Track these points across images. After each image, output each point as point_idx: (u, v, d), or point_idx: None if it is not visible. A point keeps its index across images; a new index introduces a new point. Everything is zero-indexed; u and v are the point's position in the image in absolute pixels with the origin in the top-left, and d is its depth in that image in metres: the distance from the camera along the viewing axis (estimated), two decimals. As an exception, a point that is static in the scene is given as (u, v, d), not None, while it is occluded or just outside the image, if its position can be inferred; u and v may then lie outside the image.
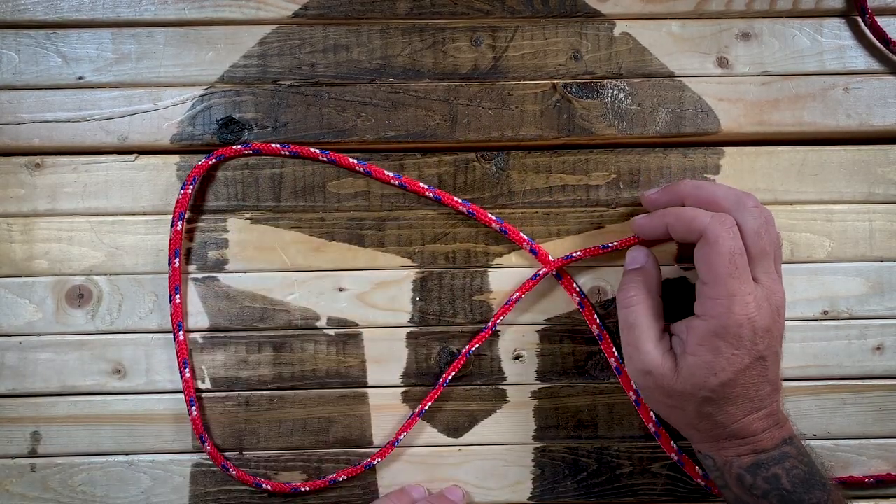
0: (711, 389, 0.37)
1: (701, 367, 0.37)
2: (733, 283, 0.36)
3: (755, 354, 0.36)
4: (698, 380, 0.37)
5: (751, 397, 0.37)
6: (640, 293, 0.40)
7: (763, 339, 0.36)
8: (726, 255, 0.36)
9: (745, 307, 0.36)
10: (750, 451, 0.38)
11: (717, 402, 0.37)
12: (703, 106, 0.45)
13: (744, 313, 0.36)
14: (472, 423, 0.45)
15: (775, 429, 0.38)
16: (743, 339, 0.36)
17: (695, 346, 0.37)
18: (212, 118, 0.44)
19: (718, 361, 0.36)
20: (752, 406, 0.37)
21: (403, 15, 0.45)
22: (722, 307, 0.36)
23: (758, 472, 0.38)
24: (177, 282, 0.43)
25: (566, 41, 0.45)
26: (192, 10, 0.44)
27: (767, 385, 0.37)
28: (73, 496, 0.44)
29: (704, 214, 0.37)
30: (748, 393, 0.37)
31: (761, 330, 0.36)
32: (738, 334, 0.36)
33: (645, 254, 0.41)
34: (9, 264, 0.44)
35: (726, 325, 0.36)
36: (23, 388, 0.44)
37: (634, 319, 0.39)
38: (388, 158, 0.45)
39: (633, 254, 0.42)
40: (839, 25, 0.46)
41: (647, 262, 0.41)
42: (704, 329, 0.37)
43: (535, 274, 0.44)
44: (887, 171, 0.46)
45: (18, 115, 0.44)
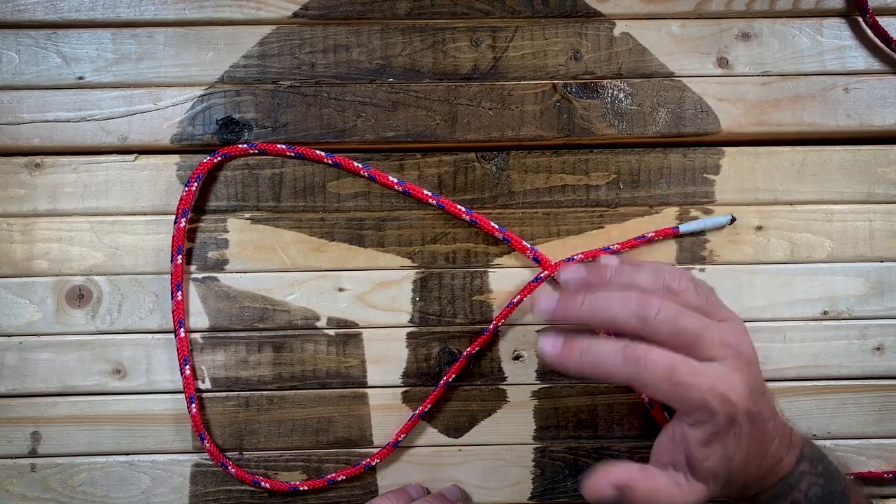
0: (733, 473, 0.36)
1: (719, 464, 0.35)
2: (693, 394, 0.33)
3: (748, 427, 0.35)
4: (722, 475, 0.35)
5: (759, 445, 0.36)
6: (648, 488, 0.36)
7: (755, 400, 0.35)
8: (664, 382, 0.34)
9: (724, 400, 0.34)
10: (774, 480, 0.38)
11: (740, 472, 0.36)
12: (703, 106, 0.45)
13: (726, 407, 0.34)
14: (472, 423, 0.45)
15: (788, 454, 0.37)
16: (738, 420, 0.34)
17: (703, 453, 0.35)
18: (212, 118, 0.44)
19: (728, 449, 0.35)
20: (763, 451, 0.37)
21: (403, 15, 0.45)
22: (702, 415, 0.34)
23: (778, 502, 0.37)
24: (179, 279, 0.43)
25: (566, 41, 0.45)
26: (192, 10, 0.44)
27: (767, 424, 0.36)
28: (73, 496, 0.44)
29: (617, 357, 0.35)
30: (755, 446, 0.36)
31: (749, 400, 0.34)
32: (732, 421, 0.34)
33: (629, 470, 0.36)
34: (9, 264, 0.44)
35: (718, 424, 0.34)
36: (23, 388, 0.44)
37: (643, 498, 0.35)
38: (388, 159, 0.45)
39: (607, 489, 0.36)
40: (839, 25, 0.46)
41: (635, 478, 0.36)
42: (703, 434, 0.35)
43: (537, 277, 0.44)
44: (887, 171, 0.46)
45: (18, 115, 0.44)
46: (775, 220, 0.45)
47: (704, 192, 0.45)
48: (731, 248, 0.45)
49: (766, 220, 0.45)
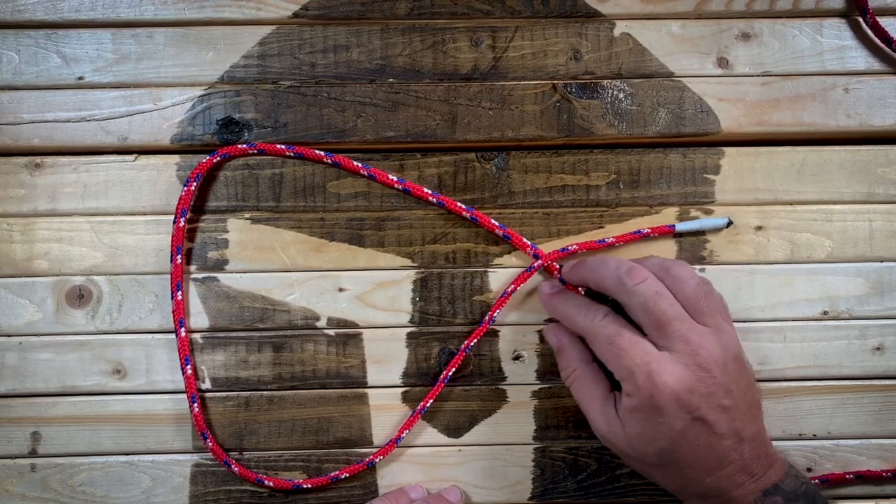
0: (655, 456, 0.36)
1: (636, 438, 0.36)
2: (625, 361, 0.36)
3: (688, 418, 0.35)
4: (639, 448, 0.36)
5: (703, 458, 0.35)
6: (574, 367, 0.40)
7: (695, 400, 0.35)
8: (604, 345, 0.37)
9: (648, 379, 0.35)
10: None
11: (668, 467, 0.36)
12: (703, 106, 0.45)
13: (648, 384, 0.35)
14: (472, 423, 0.45)
15: (752, 482, 0.36)
16: (663, 407, 0.35)
17: (626, 419, 0.36)
18: (212, 118, 0.44)
19: (648, 432, 0.35)
20: (710, 466, 0.36)
21: (403, 15, 0.45)
22: (629, 386, 0.36)
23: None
24: (178, 279, 0.43)
25: (566, 41, 0.45)
26: (192, 10, 0.44)
27: (723, 441, 0.35)
28: (73, 496, 0.44)
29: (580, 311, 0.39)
30: (697, 455, 0.35)
31: (685, 393, 0.35)
32: (653, 405, 0.35)
33: (561, 332, 0.42)
34: (9, 264, 0.44)
35: (640, 400, 0.35)
36: (23, 388, 0.44)
37: (579, 395, 0.40)
38: (388, 159, 0.45)
39: (552, 337, 0.43)
40: (839, 25, 0.46)
41: (567, 340, 0.41)
42: (627, 404, 0.36)
43: (530, 266, 0.44)
44: (887, 171, 0.46)
45: (18, 115, 0.44)
46: (775, 220, 0.45)
47: (704, 192, 0.45)
48: (731, 248, 0.45)
49: (766, 220, 0.45)
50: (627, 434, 0.36)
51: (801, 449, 0.45)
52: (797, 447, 0.45)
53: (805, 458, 0.45)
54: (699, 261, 0.45)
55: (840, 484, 0.45)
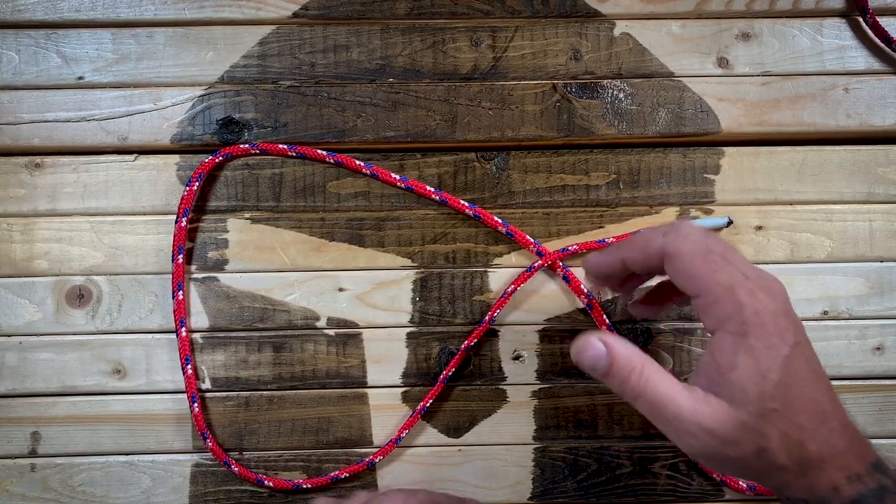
0: (771, 397, 0.30)
1: (748, 379, 0.31)
2: (722, 276, 0.31)
3: (791, 341, 0.31)
4: (753, 394, 0.31)
5: (815, 400, 0.31)
6: (640, 369, 0.33)
7: (789, 323, 0.32)
8: (699, 256, 0.32)
9: (751, 294, 0.31)
10: (843, 477, 0.31)
11: (784, 413, 0.31)
12: (703, 106, 0.45)
13: (751, 300, 0.31)
14: (472, 423, 0.45)
15: (858, 447, 0.32)
16: (767, 325, 0.31)
17: (729, 360, 0.31)
18: (212, 118, 0.44)
19: (760, 361, 0.31)
20: (821, 413, 0.31)
21: (403, 15, 0.45)
22: (727, 305, 0.31)
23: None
24: (180, 278, 0.43)
25: (566, 41, 0.45)
26: (192, 10, 0.44)
27: (822, 383, 0.32)
28: (73, 496, 0.44)
29: (657, 232, 0.34)
30: (807, 393, 0.31)
31: (781, 313, 0.31)
32: (759, 322, 0.31)
33: (600, 334, 0.34)
34: (9, 264, 0.44)
35: (743, 319, 0.31)
36: (23, 388, 0.44)
37: (654, 396, 0.32)
38: (389, 159, 0.45)
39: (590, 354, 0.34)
40: (839, 25, 0.46)
41: (612, 338, 0.34)
42: (724, 337, 0.31)
43: (531, 266, 0.44)
44: (887, 171, 0.46)
45: (18, 115, 0.44)
46: (775, 220, 0.45)
47: (704, 191, 0.45)
48: (731, 248, 0.45)
49: (766, 220, 0.45)
50: (733, 386, 0.31)
51: (802, 449, 0.45)
52: (797, 447, 0.45)
53: (805, 458, 0.45)
54: (699, 261, 0.45)
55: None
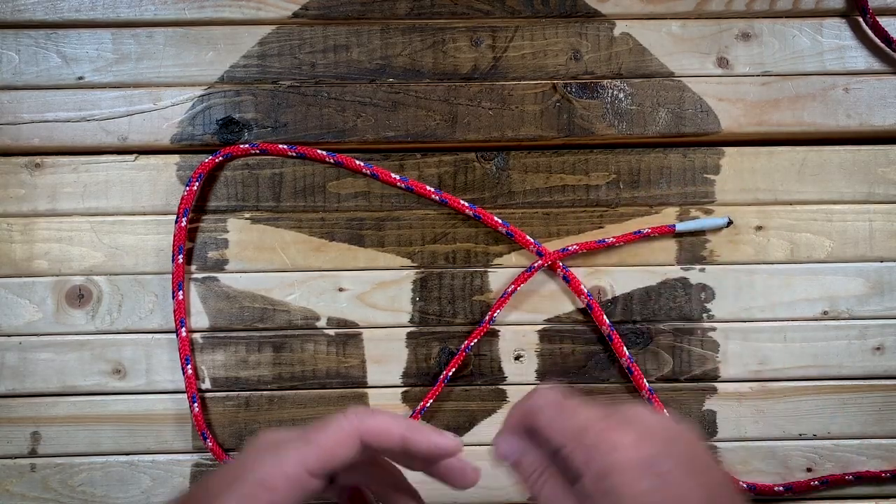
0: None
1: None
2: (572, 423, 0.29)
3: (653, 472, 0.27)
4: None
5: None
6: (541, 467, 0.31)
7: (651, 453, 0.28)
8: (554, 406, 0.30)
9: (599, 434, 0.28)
10: None
11: None
12: (703, 106, 0.45)
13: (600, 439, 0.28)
14: (472, 423, 0.45)
15: None
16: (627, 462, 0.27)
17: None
18: (212, 118, 0.44)
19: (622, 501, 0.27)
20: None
21: (403, 15, 0.45)
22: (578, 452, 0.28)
23: None
24: (180, 278, 0.43)
25: (566, 41, 0.45)
26: (192, 10, 0.44)
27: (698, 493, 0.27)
28: (73, 496, 0.44)
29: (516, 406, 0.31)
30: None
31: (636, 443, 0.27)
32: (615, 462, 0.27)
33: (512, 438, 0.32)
34: (9, 264, 0.44)
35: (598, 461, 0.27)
36: (23, 388, 0.44)
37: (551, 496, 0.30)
38: (389, 159, 0.45)
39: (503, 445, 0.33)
40: (839, 25, 0.46)
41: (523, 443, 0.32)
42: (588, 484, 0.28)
43: (531, 266, 0.44)
44: (887, 171, 0.46)
45: (18, 115, 0.44)
46: (775, 220, 0.45)
47: (704, 191, 0.45)
48: (731, 248, 0.45)
49: (766, 220, 0.45)
50: None
51: (801, 449, 0.45)
52: (797, 447, 0.45)
53: (805, 458, 0.45)
54: (700, 261, 0.45)
55: (840, 484, 0.45)
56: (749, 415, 0.45)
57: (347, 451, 0.29)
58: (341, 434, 0.30)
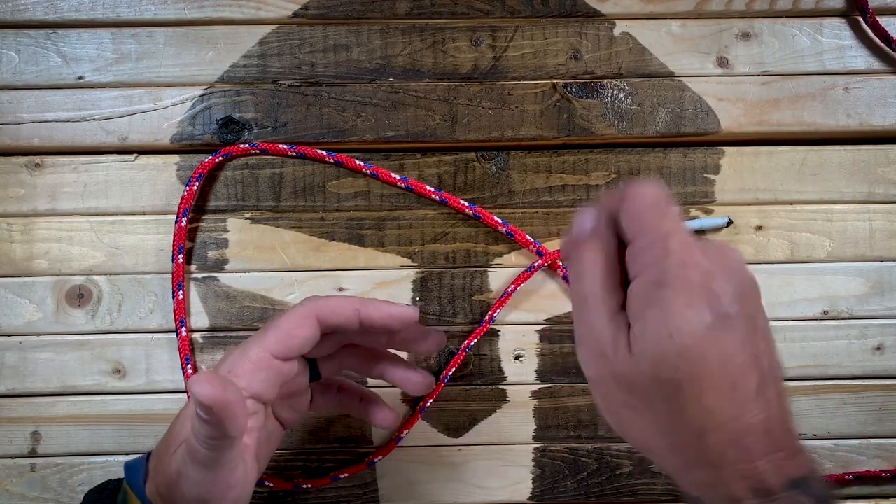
0: (673, 364, 0.26)
1: (653, 333, 0.26)
2: (664, 225, 0.27)
3: (719, 312, 0.26)
4: (654, 352, 0.26)
5: (731, 383, 0.26)
6: (593, 260, 0.29)
7: (727, 294, 0.26)
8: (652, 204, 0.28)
9: (687, 247, 0.26)
10: (748, 488, 0.26)
11: (686, 385, 0.26)
12: (703, 106, 0.45)
13: (682, 251, 0.26)
14: (472, 423, 0.45)
15: (781, 457, 0.26)
16: (693, 284, 0.26)
17: (640, 309, 0.27)
18: (212, 118, 0.44)
19: (671, 319, 0.26)
20: (737, 402, 0.26)
21: (403, 15, 0.45)
22: (657, 250, 0.27)
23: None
24: (180, 278, 0.43)
25: (566, 41, 0.45)
26: (192, 10, 0.44)
27: (756, 367, 0.26)
28: (72, 496, 0.44)
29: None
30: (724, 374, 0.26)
31: (719, 279, 0.26)
32: (685, 277, 0.26)
33: (595, 216, 0.30)
34: (9, 264, 0.44)
35: (666, 268, 0.26)
36: (23, 388, 0.44)
37: (587, 290, 0.29)
38: (389, 158, 0.45)
39: (580, 218, 0.31)
40: (839, 25, 0.46)
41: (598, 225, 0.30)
42: (643, 283, 0.27)
43: (531, 266, 0.44)
44: (887, 171, 0.46)
45: (18, 115, 0.44)
46: (775, 220, 0.45)
47: (704, 191, 0.45)
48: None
49: (766, 220, 0.45)
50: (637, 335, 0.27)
51: (801, 449, 0.45)
52: (797, 447, 0.45)
53: (805, 458, 0.45)
54: (699, 261, 0.45)
55: (840, 484, 0.45)
56: (749, 415, 0.45)
57: (306, 332, 0.31)
58: (297, 317, 0.31)
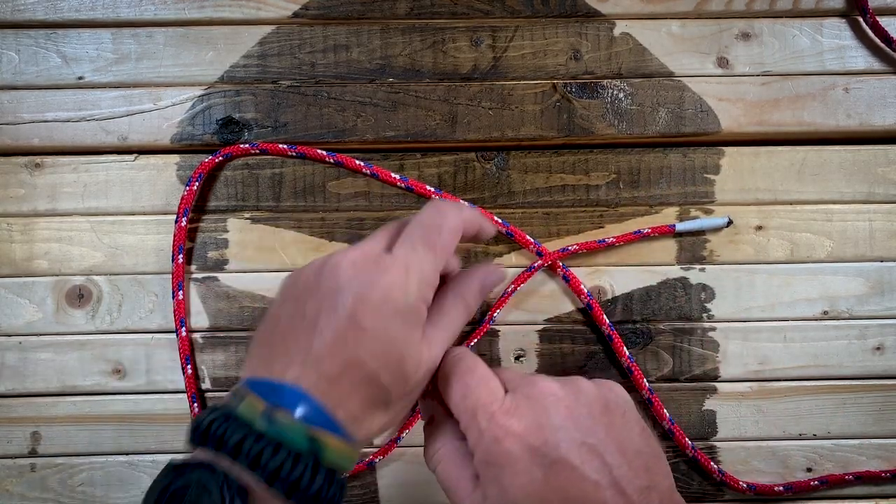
0: None
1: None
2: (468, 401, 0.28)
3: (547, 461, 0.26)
4: None
5: None
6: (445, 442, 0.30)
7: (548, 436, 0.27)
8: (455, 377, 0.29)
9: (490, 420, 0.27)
10: None
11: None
12: (703, 106, 0.45)
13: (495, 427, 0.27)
14: (472, 423, 0.45)
15: None
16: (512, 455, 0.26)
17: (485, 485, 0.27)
18: (212, 118, 0.44)
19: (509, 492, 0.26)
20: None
21: (403, 15, 0.45)
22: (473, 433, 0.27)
23: None
24: (180, 278, 0.43)
25: (566, 41, 0.45)
26: (192, 10, 0.44)
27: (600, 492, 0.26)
28: (72, 496, 0.44)
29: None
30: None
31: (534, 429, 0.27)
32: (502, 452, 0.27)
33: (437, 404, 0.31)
34: (9, 264, 0.44)
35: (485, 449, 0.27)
36: (23, 388, 0.44)
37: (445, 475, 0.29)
38: (388, 158, 0.45)
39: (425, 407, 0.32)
40: (839, 25, 0.46)
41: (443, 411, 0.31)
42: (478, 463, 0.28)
43: (531, 266, 0.44)
44: (887, 171, 0.46)
45: (18, 115, 0.44)
46: (775, 220, 0.45)
47: (704, 191, 0.45)
48: (731, 247, 0.45)
49: (766, 220, 0.45)
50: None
51: (801, 449, 0.45)
52: (797, 447, 0.45)
53: (805, 458, 0.45)
54: (699, 261, 0.45)
55: (840, 484, 0.45)
56: (749, 415, 0.45)
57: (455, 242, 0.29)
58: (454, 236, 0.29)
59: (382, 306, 0.27)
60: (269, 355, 0.27)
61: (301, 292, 0.28)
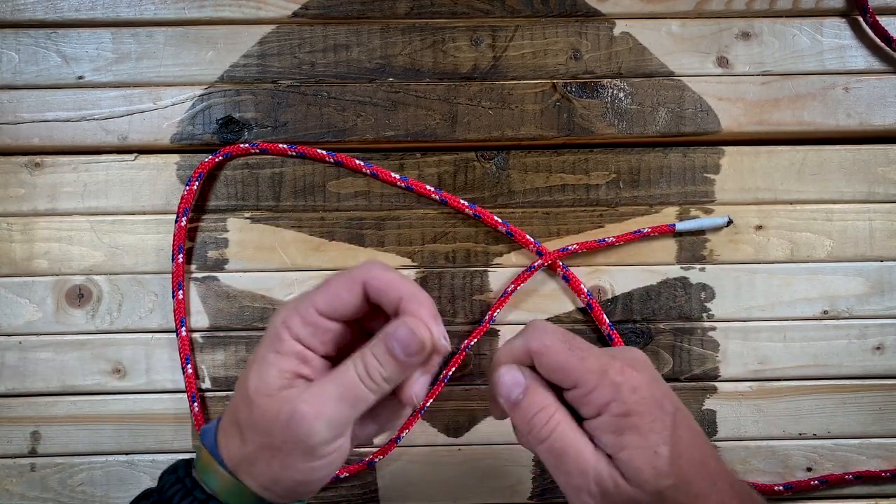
0: (665, 474, 0.30)
1: (640, 459, 0.30)
2: (591, 363, 0.31)
3: (670, 408, 0.30)
4: (648, 474, 0.30)
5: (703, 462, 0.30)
6: (552, 412, 0.31)
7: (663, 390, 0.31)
8: (563, 349, 0.31)
9: (622, 373, 0.30)
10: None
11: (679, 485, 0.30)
12: (703, 105, 0.45)
13: (624, 378, 0.30)
14: (472, 422, 0.45)
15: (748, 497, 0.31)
16: (645, 400, 0.30)
17: (617, 443, 0.30)
18: (212, 118, 0.44)
19: (649, 437, 0.30)
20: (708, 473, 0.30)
21: (403, 15, 0.45)
22: (604, 390, 0.30)
23: None
24: (180, 278, 0.43)
25: (566, 41, 0.45)
26: (192, 9, 0.44)
27: (702, 441, 0.31)
28: (72, 496, 0.44)
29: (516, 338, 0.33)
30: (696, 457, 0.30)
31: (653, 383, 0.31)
32: (638, 399, 0.30)
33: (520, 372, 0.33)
34: (9, 264, 0.44)
35: (622, 399, 0.30)
36: (23, 387, 0.44)
37: (562, 444, 0.31)
38: (388, 158, 0.45)
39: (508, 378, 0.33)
40: (839, 25, 0.46)
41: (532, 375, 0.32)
42: (609, 419, 0.30)
43: (531, 266, 0.44)
44: (887, 171, 0.46)
45: (18, 114, 0.44)
46: (775, 220, 0.45)
47: (704, 191, 0.45)
48: (731, 247, 0.45)
49: (766, 220, 0.45)
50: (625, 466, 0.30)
51: (801, 448, 0.45)
52: (797, 447, 0.45)
53: (805, 458, 0.45)
54: (700, 260, 0.45)
55: (840, 484, 0.45)
56: (749, 414, 0.45)
57: (350, 297, 0.31)
58: (347, 281, 0.32)
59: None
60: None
61: None
